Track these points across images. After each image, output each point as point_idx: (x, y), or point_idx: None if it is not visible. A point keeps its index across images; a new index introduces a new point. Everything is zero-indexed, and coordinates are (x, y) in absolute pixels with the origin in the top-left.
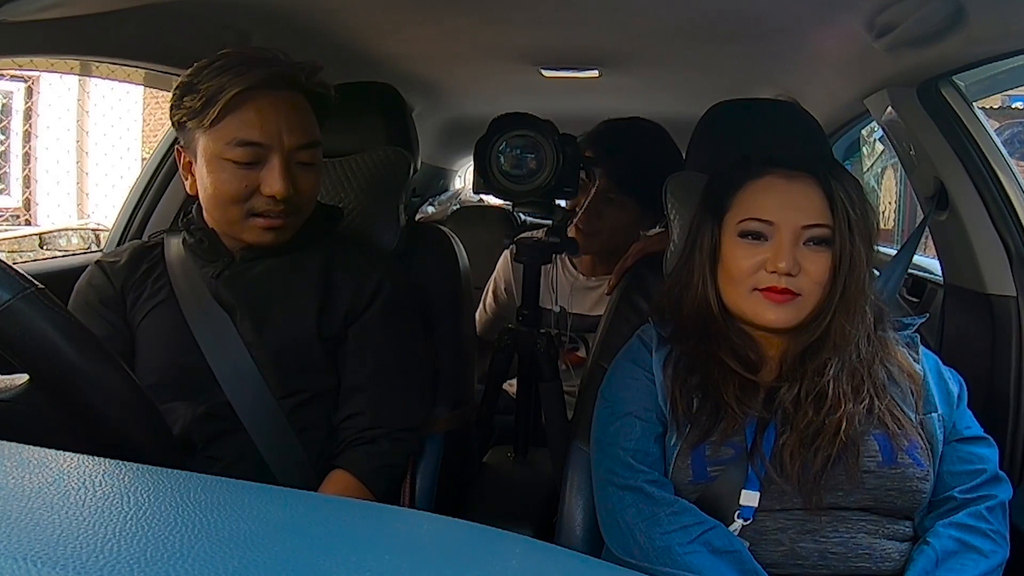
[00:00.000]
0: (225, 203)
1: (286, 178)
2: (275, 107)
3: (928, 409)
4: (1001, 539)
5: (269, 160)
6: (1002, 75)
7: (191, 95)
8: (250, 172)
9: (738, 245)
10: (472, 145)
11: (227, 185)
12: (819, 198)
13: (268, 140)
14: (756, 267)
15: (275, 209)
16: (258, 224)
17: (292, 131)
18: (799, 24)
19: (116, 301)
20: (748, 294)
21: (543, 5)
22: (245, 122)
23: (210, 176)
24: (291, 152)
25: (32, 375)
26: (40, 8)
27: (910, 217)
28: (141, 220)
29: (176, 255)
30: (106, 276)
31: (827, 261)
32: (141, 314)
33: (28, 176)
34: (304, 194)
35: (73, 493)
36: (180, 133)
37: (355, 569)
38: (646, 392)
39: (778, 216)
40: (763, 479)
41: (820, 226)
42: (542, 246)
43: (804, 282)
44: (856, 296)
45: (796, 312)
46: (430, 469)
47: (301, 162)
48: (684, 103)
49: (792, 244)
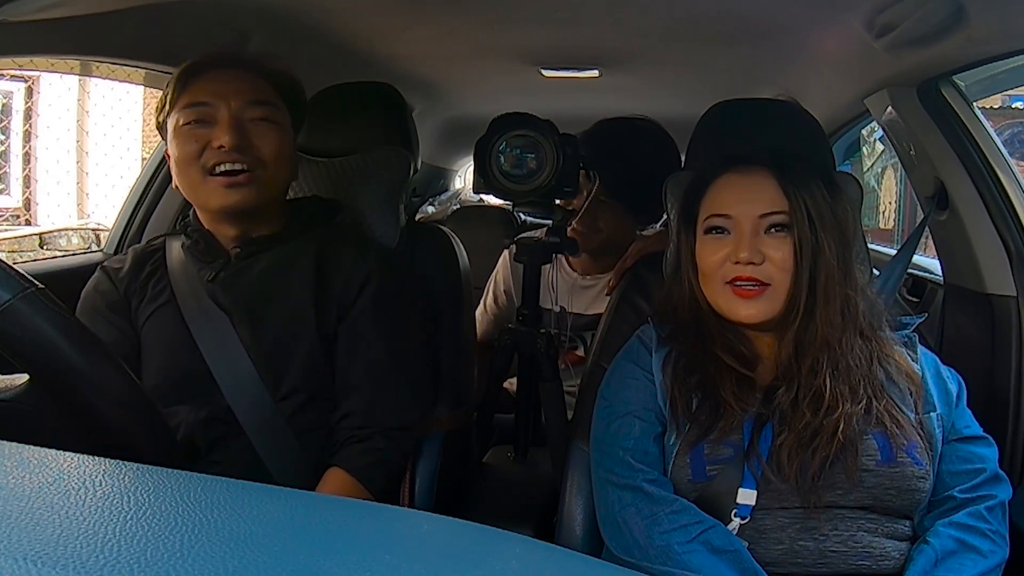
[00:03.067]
0: (185, 166)
1: (233, 128)
2: (222, 76)
3: (927, 409)
4: (1000, 539)
5: (217, 117)
6: (1002, 75)
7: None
8: (200, 130)
9: (705, 242)
10: (472, 145)
11: (183, 147)
12: (774, 188)
13: (214, 99)
14: (722, 260)
15: (228, 160)
16: (219, 183)
17: (239, 91)
18: (799, 24)
19: (122, 305)
20: (721, 289)
21: (543, 5)
22: (195, 89)
23: (172, 148)
24: (240, 108)
25: (32, 375)
26: (40, 8)
27: (910, 217)
28: (141, 220)
29: (176, 258)
30: (111, 281)
31: (789, 246)
32: (144, 317)
33: (28, 176)
34: (263, 151)
35: (73, 493)
36: (162, 132)
37: (355, 569)
38: (645, 392)
39: (736, 209)
40: (760, 478)
41: (776, 213)
42: (542, 246)
43: (770, 269)
44: (831, 284)
45: (769, 304)
46: (430, 469)
47: (253, 118)
48: (684, 103)
49: (752, 234)
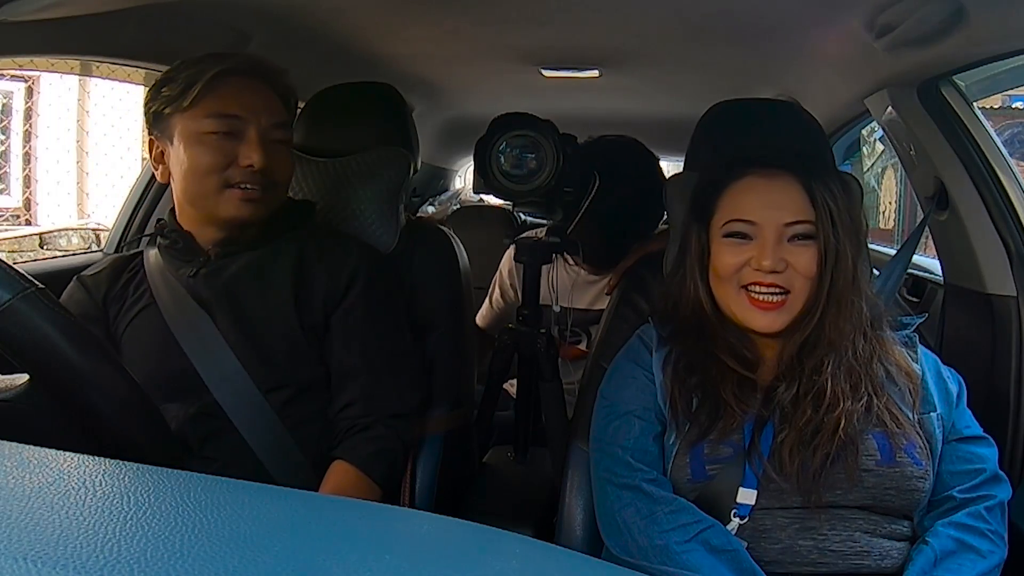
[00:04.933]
0: (202, 175)
1: (261, 148)
2: (250, 87)
3: (927, 408)
4: (999, 539)
5: (246, 133)
6: (1002, 75)
7: (169, 85)
8: (227, 143)
9: (724, 246)
10: (472, 145)
11: (205, 157)
12: (799, 195)
13: (245, 113)
14: (742, 264)
15: (252, 181)
16: (235, 195)
17: (267, 108)
18: (799, 24)
19: (98, 314)
20: (736, 293)
21: (543, 5)
22: (223, 97)
23: (188, 152)
24: (266, 129)
25: (32, 375)
26: (40, 8)
27: (910, 217)
28: (141, 220)
29: (154, 262)
30: (86, 291)
31: (813, 256)
32: (124, 323)
33: (28, 176)
34: (278, 172)
35: (73, 493)
36: (155, 124)
37: (355, 569)
38: (645, 391)
39: (760, 216)
40: (761, 477)
41: (802, 222)
42: (542, 246)
43: (793, 277)
44: (845, 290)
45: (787, 314)
46: (430, 469)
47: (275, 140)
48: (684, 103)
49: (776, 242)
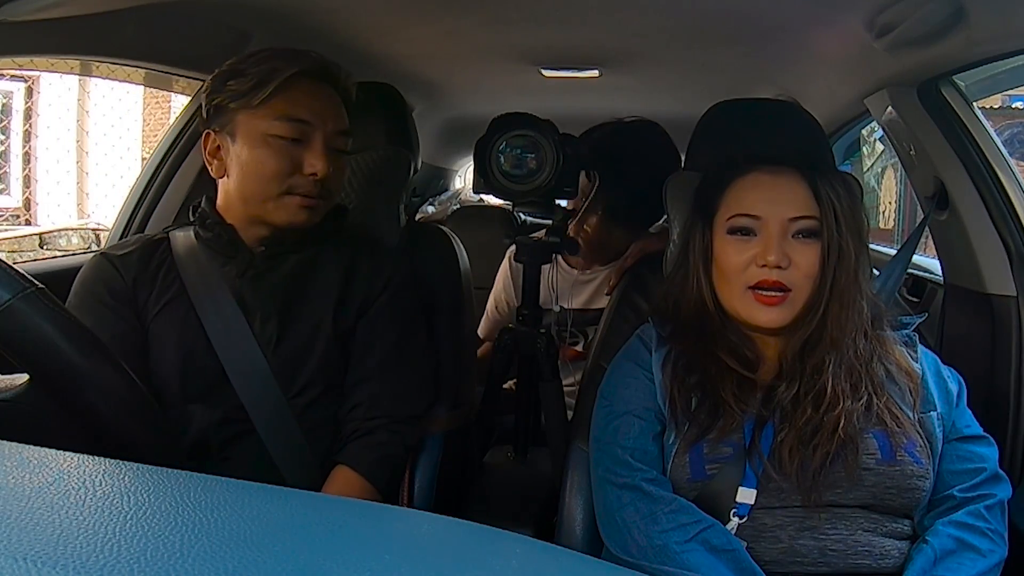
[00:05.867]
0: (265, 179)
1: (326, 157)
2: (321, 92)
3: (927, 408)
4: (999, 538)
5: (312, 140)
6: (1002, 75)
7: (238, 79)
8: (293, 149)
9: (728, 242)
10: (472, 145)
11: (270, 161)
12: (804, 191)
13: (314, 119)
14: (747, 263)
15: (315, 191)
16: (294, 202)
17: (334, 116)
18: (799, 24)
19: (127, 295)
20: (742, 293)
21: (543, 5)
22: (294, 100)
23: (252, 153)
24: (331, 136)
25: (32, 375)
26: (40, 8)
27: (910, 217)
28: (141, 220)
29: (186, 250)
30: (115, 269)
31: (816, 253)
32: (153, 312)
33: (28, 176)
34: (333, 183)
35: (73, 493)
36: (216, 117)
37: (355, 569)
38: (645, 391)
39: (765, 210)
40: (761, 477)
41: (807, 218)
42: (542, 246)
43: (795, 275)
44: (848, 287)
45: (789, 311)
46: (430, 469)
47: (337, 148)
48: (684, 103)
49: (780, 237)
